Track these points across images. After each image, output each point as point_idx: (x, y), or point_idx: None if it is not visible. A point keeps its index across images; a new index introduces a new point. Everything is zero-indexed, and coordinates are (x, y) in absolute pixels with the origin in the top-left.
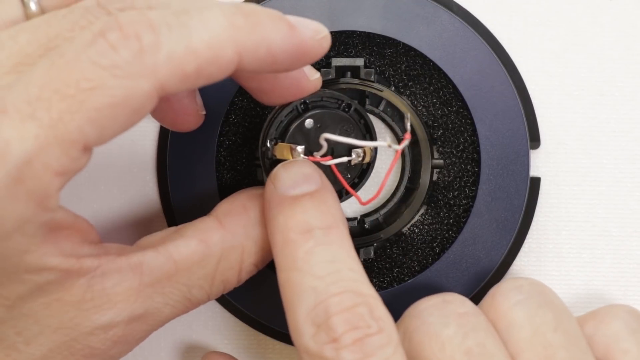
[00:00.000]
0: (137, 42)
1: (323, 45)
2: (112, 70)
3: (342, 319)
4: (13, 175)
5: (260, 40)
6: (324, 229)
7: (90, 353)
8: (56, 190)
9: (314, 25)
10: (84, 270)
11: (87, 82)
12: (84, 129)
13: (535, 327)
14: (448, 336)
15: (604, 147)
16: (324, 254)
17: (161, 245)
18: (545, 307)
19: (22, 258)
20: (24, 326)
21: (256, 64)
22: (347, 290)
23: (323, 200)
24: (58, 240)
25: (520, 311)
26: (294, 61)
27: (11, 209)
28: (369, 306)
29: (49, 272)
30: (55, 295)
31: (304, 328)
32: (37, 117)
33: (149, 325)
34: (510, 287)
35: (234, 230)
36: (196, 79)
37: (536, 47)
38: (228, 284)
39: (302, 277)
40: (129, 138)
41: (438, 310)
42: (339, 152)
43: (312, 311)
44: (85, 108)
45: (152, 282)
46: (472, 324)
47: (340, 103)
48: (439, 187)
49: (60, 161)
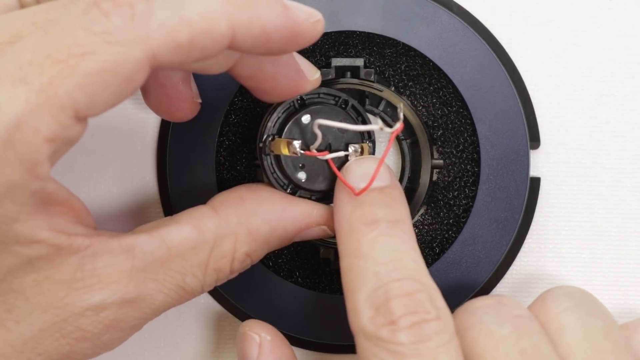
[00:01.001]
0: (129, 10)
1: (317, 29)
2: (103, 36)
3: (401, 303)
4: (3, 139)
5: (254, 17)
6: (390, 222)
7: (81, 336)
8: (46, 156)
9: (309, 9)
10: (75, 248)
11: (78, 48)
12: (74, 94)
13: (586, 332)
14: (503, 336)
15: (604, 147)
16: (388, 243)
17: (154, 230)
18: (596, 314)
19: (11, 226)
20: (14, 303)
21: (250, 42)
22: (408, 277)
23: (391, 196)
24: (50, 215)
25: (571, 316)
26: (287, 42)
27: (0, 172)
28: (429, 294)
29: (38, 245)
30: (46, 272)
31: (363, 310)
32: (28, 82)
33: (142, 312)
34: (561, 293)
35: (228, 219)
36: (189, 50)
37: (536, 47)
38: (221, 273)
39: (365, 262)
40: (129, 138)
41: (493, 310)
42: (336, 147)
43: (372, 294)
44: (76, 73)
45: (145, 266)
46: (526, 326)
47: (337, 100)
48: (438, 187)
49: (50, 127)
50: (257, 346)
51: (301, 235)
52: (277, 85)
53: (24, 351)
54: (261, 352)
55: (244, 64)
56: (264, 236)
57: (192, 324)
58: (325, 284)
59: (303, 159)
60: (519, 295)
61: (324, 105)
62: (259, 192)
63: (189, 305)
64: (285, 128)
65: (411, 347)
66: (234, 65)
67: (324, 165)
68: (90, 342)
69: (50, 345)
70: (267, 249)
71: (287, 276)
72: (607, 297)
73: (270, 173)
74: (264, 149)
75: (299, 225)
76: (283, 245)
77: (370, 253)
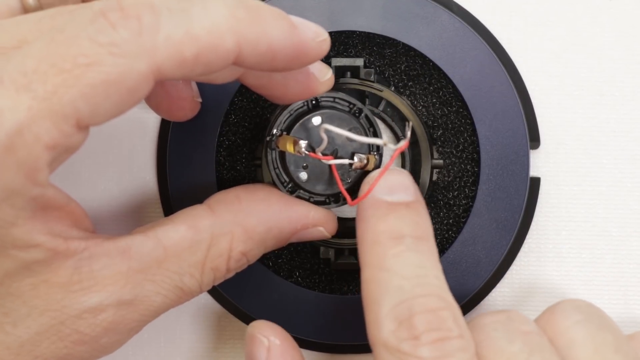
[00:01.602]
0: (137, 23)
1: (322, 48)
2: (109, 47)
3: (425, 319)
4: (3, 144)
5: (261, 34)
6: (415, 238)
7: (79, 339)
8: (45, 163)
9: (315, 27)
10: (71, 252)
11: (84, 58)
12: (77, 103)
13: (596, 346)
14: (513, 352)
15: (604, 147)
16: (413, 259)
17: (150, 230)
18: (605, 328)
19: (9, 230)
20: (12, 307)
21: (255, 59)
22: (432, 293)
23: (417, 212)
24: (47, 220)
25: (580, 330)
26: (293, 60)
27: (0, 177)
28: (452, 312)
29: (35, 249)
30: (43, 276)
31: (385, 322)
32: (32, 89)
33: (140, 314)
34: (570, 307)
35: (224, 217)
36: (194, 65)
37: (536, 47)
38: (218, 273)
39: (390, 276)
40: (129, 138)
41: (503, 326)
42: (342, 154)
43: (396, 308)
44: (80, 83)
45: (142, 267)
46: (536, 342)
47: (351, 107)
48: (438, 187)
49: (51, 134)
50: (266, 350)
51: (298, 237)
52: (289, 91)
53: (21, 354)
54: (270, 356)
55: (252, 74)
56: (260, 235)
57: (192, 324)
58: (325, 284)
59: (307, 159)
60: (519, 295)
61: (337, 110)
62: (256, 192)
63: (189, 306)
64: (294, 126)
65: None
66: (242, 76)
67: (327, 169)
68: (88, 345)
69: (47, 348)
70: (264, 249)
71: (287, 276)
72: (607, 297)
73: (273, 168)
74: (270, 143)
75: (295, 226)
76: (279, 246)
77: (395, 267)
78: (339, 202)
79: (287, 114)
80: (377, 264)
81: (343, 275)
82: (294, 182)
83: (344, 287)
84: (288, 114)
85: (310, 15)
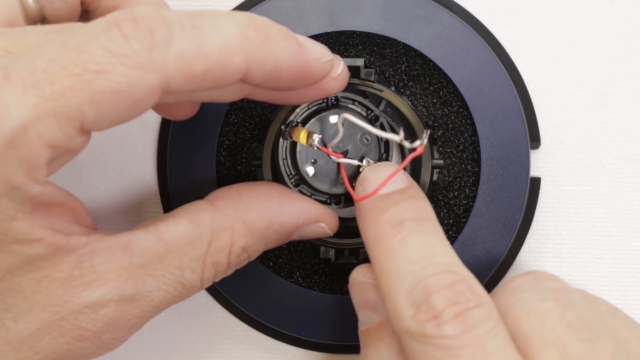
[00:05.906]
0: (149, 37)
1: (326, 69)
2: (121, 58)
3: (442, 295)
4: (7, 139)
5: (269, 54)
6: (416, 220)
7: (80, 335)
8: (44, 162)
9: (320, 48)
10: (72, 247)
11: (95, 65)
12: (83, 108)
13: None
14: (547, 310)
15: (604, 147)
16: (418, 240)
17: (151, 225)
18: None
19: (10, 224)
20: (13, 302)
21: (261, 77)
22: (444, 270)
23: (412, 195)
24: (48, 215)
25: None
26: (297, 80)
27: (1, 171)
28: (467, 283)
29: (37, 244)
30: (44, 271)
31: (404, 310)
32: (39, 88)
33: (141, 310)
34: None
35: (225, 212)
36: (202, 81)
37: (536, 47)
38: (219, 267)
39: (398, 264)
40: (129, 137)
41: (532, 286)
42: (352, 157)
43: (411, 293)
44: (89, 88)
45: (143, 262)
46: (568, 298)
47: (369, 113)
48: (439, 187)
49: (54, 134)
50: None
51: (300, 234)
52: (303, 95)
53: (22, 349)
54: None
55: (259, 92)
56: (261, 230)
57: (192, 324)
58: (325, 283)
59: (317, 154)
60: None
61: (355, 112)
62: (257, 187)
63: (189, 305)
64: (310, 120)
65: (459, 338)
66: (250, 95)
67: (334, 168)
68: (90, 341)
69: (48, 343)
70: (265, 245)
71: (287, 276)
72: (607, 297)
73: (282, 158)
74: (284, 132)
75: (297, 222)
76: (281, 242)
77: (402, 253)
78: (340, 203)
79: (305, 107)
80: (385, 256)
81: (343, 275)
82: (299, 176)
83: (344, 287)
84: (306, 107)
85: (310, 15)
